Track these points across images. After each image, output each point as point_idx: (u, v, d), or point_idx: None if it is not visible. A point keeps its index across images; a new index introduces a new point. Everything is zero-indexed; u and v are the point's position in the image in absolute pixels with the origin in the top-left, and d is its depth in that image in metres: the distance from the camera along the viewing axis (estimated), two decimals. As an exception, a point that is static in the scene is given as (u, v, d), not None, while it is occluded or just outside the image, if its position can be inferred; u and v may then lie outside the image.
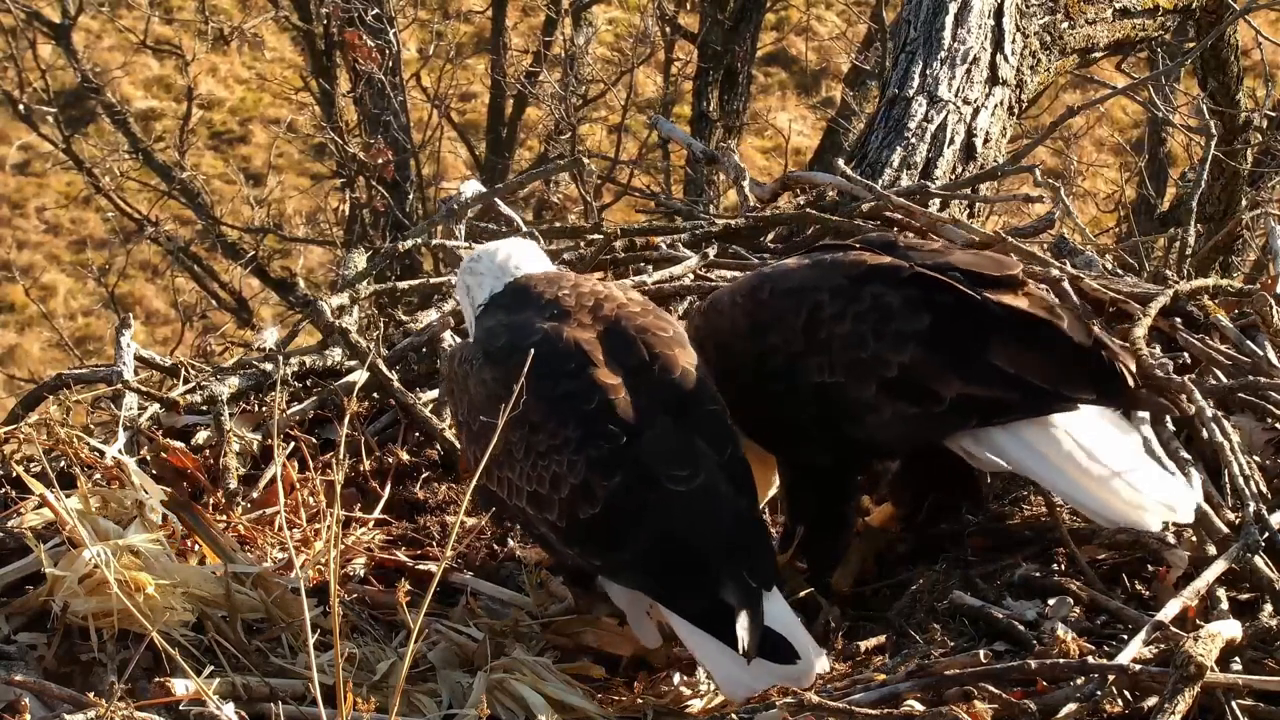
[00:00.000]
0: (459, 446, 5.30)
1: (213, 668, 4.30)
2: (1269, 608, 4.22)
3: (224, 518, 5.01)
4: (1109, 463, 4.33)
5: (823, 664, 4.21)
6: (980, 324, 4.39)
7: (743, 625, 4.08)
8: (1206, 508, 4.43)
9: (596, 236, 6.50)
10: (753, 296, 4.65)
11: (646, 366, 4.36)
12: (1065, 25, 7.92)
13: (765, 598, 4.17)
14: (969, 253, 4.60)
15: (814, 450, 4.64)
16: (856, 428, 4.48)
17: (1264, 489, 4.58)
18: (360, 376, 5.50)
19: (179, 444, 5.31)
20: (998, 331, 4.37)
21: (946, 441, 4.48)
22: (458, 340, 5.83)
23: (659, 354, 4.38)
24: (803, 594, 4.61)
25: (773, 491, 4.87)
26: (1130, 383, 4.40)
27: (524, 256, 4.70)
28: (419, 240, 6.85)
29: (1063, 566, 4.55)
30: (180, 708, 4.11)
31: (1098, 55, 8.52)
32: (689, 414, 4.31)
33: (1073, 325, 4.39)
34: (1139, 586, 4.50)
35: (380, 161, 14.24)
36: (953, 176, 7.16)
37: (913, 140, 7.25)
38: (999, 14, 7.63)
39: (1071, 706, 3.87)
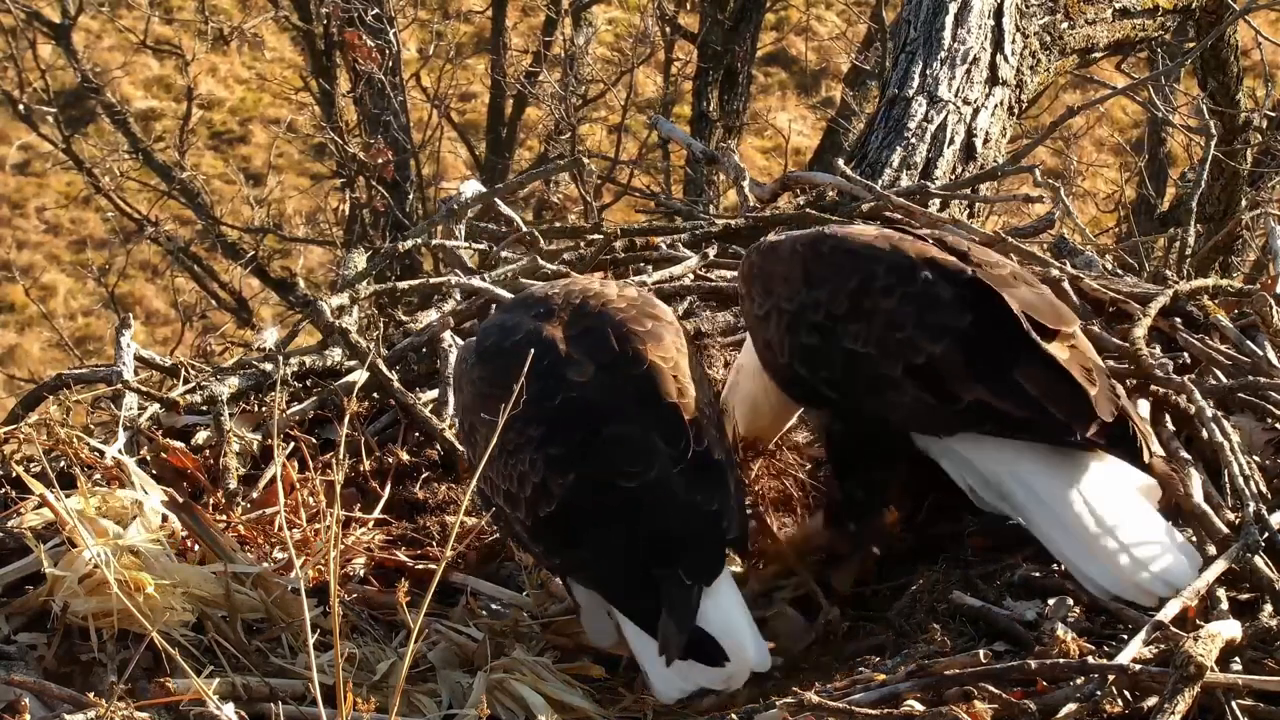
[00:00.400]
0: (459, 446, 5.33)
1: (213, 668, 4.30)
2: (1269, 608, 4.22)
3: (224, 518, 5.01)
4: (1116, 531, 4.29)
5: (762, 663, 4.24)
6: (1016, 346, 4.38)
7: (664, 624, 4.12)
8: (1206, 508, 4.43)
9: (596, 236, 6.50)
10: (813, 248, 4.67)
11: (617, 362, 4.38)
12: (1065, 25, 7.92)
13: (708, 594, 4.19)
14: (1033, 292, 4.55)
15: (823, 409, 4.67)
16: (874, 401, 4.48)
17: (1264, 489, 4.58)
18: (360, 376, 5.50)
19: (179, 444, 5.31)
20: (1030, 363, 4.36)
21: (954, 478, 4.48)
22: (458, 340, 5.85)
23: (631, 348, 4.40)
24: (802, 592, 4.63)
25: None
26: (1145, 455, 4.37)
27: None
28: (419, 240, 6.86)
29: (1063, 566, 4.54)
30: (180, 708, 4.11)
31: (1098, 55, 8.52)
32: (650, 409, 4.32)
33: (1099, 398, 4.34)
34: (1139, 587, 4.49)
35: (380, 161, 14.24)
36: (953, 176, 7.16)
37: (913, 140, 7.25)
38: (999, 14, 7.63)
39: (1071, 706, 3.86)
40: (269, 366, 5.68)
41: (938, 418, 4.44)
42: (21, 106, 17.22)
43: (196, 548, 4.70)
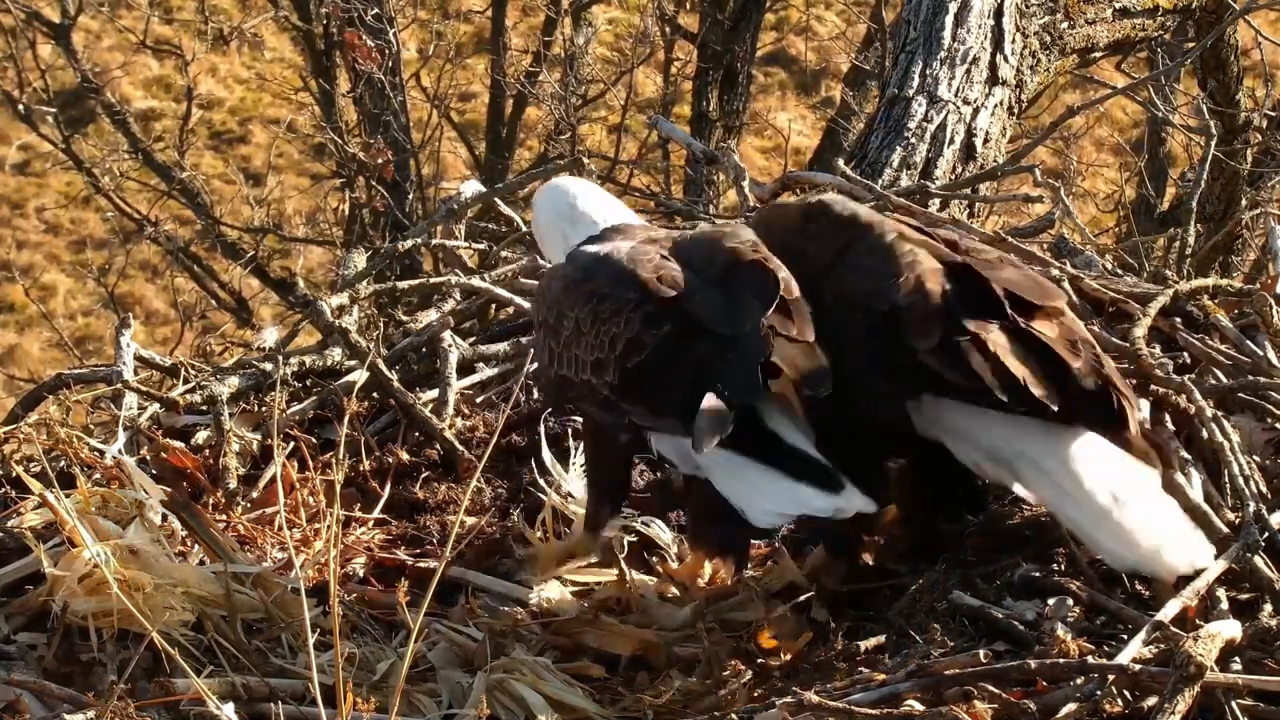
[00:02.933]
0: (458, 446, 5.35)
1: (213, 668, 4.30)
2: (1269, 608, 4.22)
3: (224, 518, 5.02)
4: (1132, 506, 4.27)
5: (868, 504, 4.33)
6: (994, 315, 4.37)
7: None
8: (1206, 508, 4.43)
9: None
10: (818, 206, 4.72)
11: (705, 255, 4.60)
12: (1065, 25, 7.92)
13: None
14: (1019, 272, 4.54)
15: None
16: (841, 362, 4.45)
17: (1264, 489, 4.57)
18: (360, 376, 5.50)
19: (179, 444, 5.32)
20: (1004, 332, 4.34)
21: (960, 456, 4.45)
22: (458, 340, 5.85)
23: (719, 245, 4.61)
24: (803, 598, 4.63)
25: None
26: (1131, 426, 4.34)
27: (611, 208, 5.01)
28: (419, 240, 6.86)
29: (1063, 566, 4.54)
30: (180, 708, 4.11)
31: (1098, 55, 8.52)
32: (737, 274, 4.50)
33: (1084, 369, 4.33)
34: (1139, 586, 4.48)
35: (380, 161, 14.23)
36: (953, 176, 7.16)
37: (913, 140, 7.25)
38: (999, 14, 7.63)
39: (1071, 706, 3.87)
40: (269, 366, 5.68)
41: (888, 378, 4.40)
42: (21, 106, 17.22)
43: (196, 548, 4.71)
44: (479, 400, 5.76)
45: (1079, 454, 4.33)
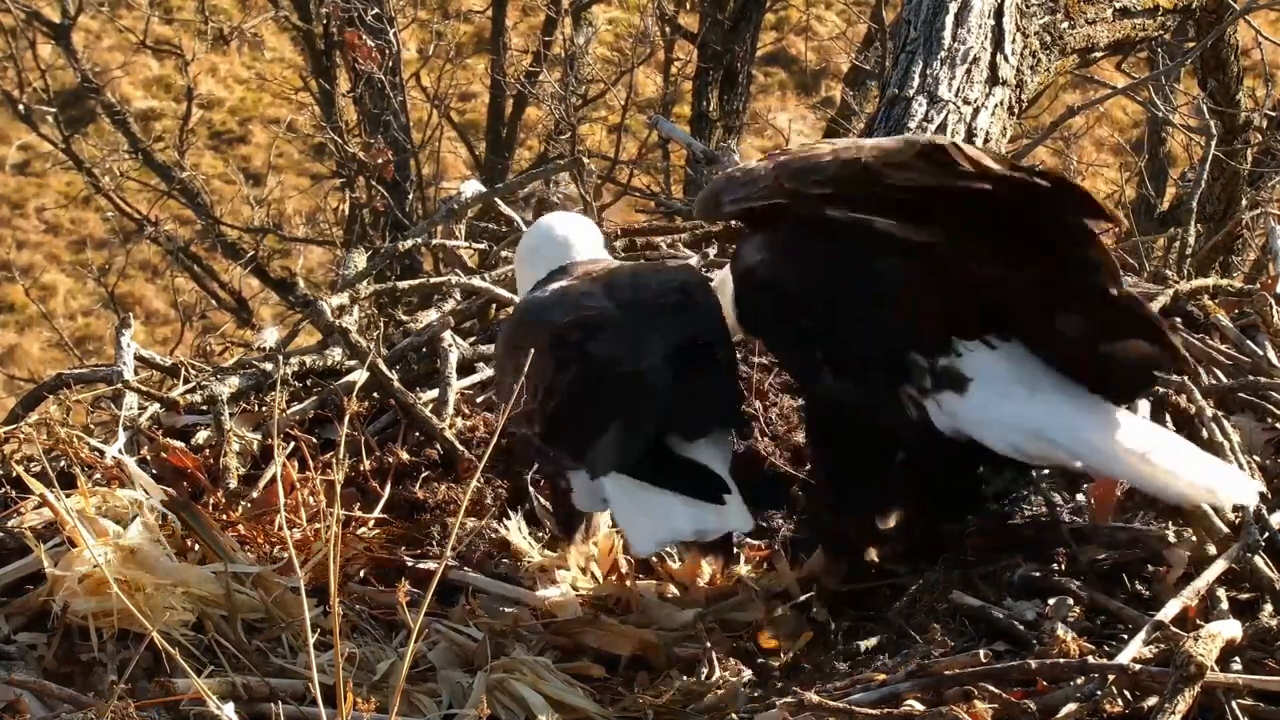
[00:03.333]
0: (458, 446, 5.35)
1: (213, 668, 4.30)
2: (1269, 608, 4.22)
3: (224, 518, 5.01)
4: (1174, 451, 4.30)
5: (745, 523, 4.42)
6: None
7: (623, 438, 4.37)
8: (1207, 508, 4.43)
9: (596, 236, 6.49)
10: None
11: (632, 285, 4.65)
12: (1065, 25, 7.91)
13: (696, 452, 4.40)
14: None
15: (847, 368, 4.56)
16: (866, 319, 4.43)
17: (1264, 489, 4.58)
18: (360, 376, 5.50)
19: (179, 444, 5.31)
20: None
21: (995, 444, 4.43)
22: (458, 340, 5.85)
23: (646, 279, 4.69)
24: (802, 598, 4.63)
25: None
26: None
27: (582, 241, 4.97)
28: (419, 240, 6.86)
29: (1063, 566, 4.54)
30: (180, 708, 4.11)
31: (1098, 55, 8.51)
32: (653, 313, 4.55)
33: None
34: (1139, 586, 4.49)
35: (380, 161, 14.23)
36: (953, 176, 7.14)
37: (913, 140, 7.24)
38: (999, 14, 7.62)
39: (1071, 706, 3.87)
40: (269, 366, 5.68)
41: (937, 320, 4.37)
42: (21, 106, 17.21)
43: (196, 548, 4.70)
44: (479, 400, 5.76)
45: (1114, 418, 4.33)
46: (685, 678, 4.39)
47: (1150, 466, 4.29)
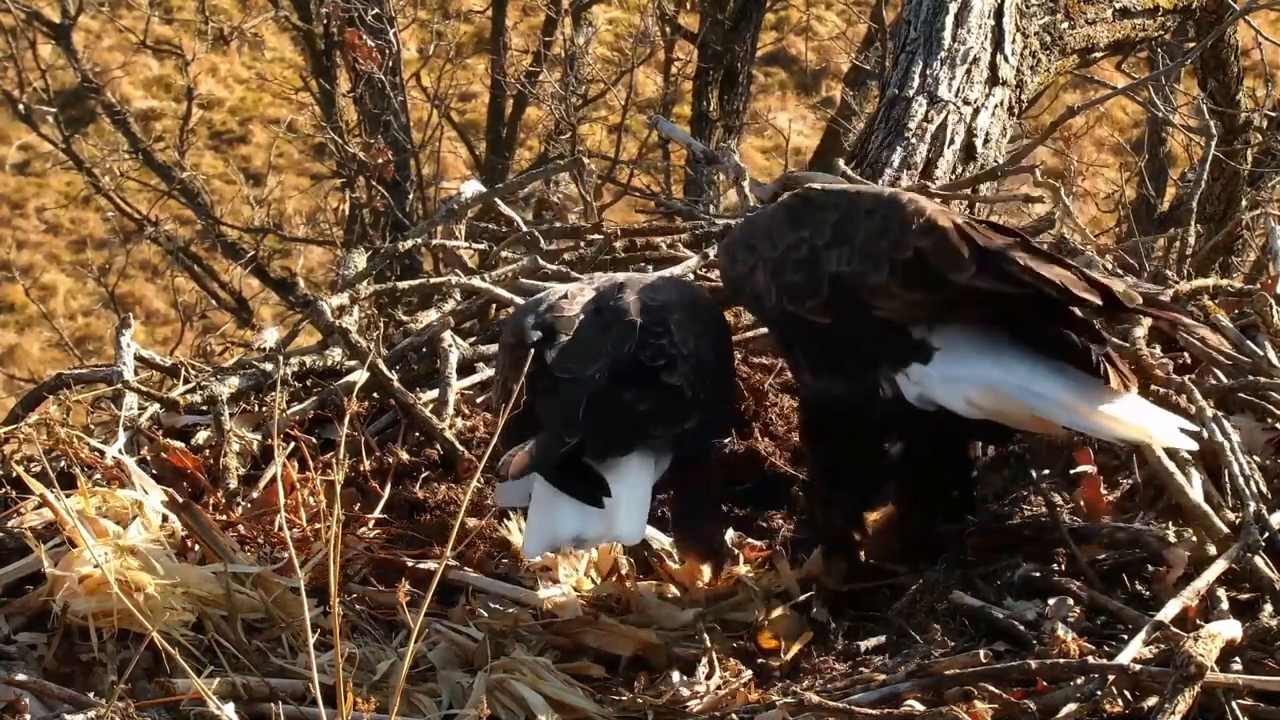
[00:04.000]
0: (458, 446, 5.35)
1: (213, 668, 4.30)
2: (1269, 608, 4.22)
3: (224, 518, 5.01)
4: (1117, 397, 4.33)
5: (633, 533, 4.41)
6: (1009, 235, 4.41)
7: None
8: (1206, 508, 4.43)
9: (597, 236, 6.50)
10: (803, 197, 4.71)
11: (601, 298, 4.68)
12: (1065, 25, 7.92)
13: (615, 468, 4.38)
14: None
15: (826, 367, 4.62)
16: (860, 321, 4.45)
17: (1264, 489, 4.57)
18: (360, 376, 5.50)
19: (179, 444, 5.31)
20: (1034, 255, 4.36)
21: (953, 405, 4.44)
22: (458, 340, 5.85)
23: (621, 293, 4.69)
24: (802, 598, 4.63)
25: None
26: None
27: None
28: (419, 240, 6.86)
29: (1063, 566, 4.54)
30: (180, 708, 4.11)
31: (1098, 55, 8.52)
32: (612, 325, 4.59)
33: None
34: (1139, 586, 4.49)
35: (380, 161, 14.24)
36: (953, 176, 7.16)
37: (913, 140, 7.24)
38: (999, 14, 7.62)
39: (1071, 706, 3.87)
40: (269, 366, 5.68)
41: (931, 310, 4.42)
42: (21, 106, 17.23)
43: (196, 548, 4.70)
44: (479, 400, 5.76)
45: (1067, 376, 4.35)
46: (685, 678, 4.39)
47: (1095, 413, 4.31)
